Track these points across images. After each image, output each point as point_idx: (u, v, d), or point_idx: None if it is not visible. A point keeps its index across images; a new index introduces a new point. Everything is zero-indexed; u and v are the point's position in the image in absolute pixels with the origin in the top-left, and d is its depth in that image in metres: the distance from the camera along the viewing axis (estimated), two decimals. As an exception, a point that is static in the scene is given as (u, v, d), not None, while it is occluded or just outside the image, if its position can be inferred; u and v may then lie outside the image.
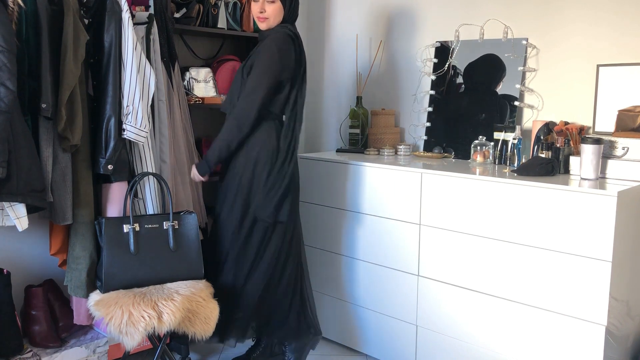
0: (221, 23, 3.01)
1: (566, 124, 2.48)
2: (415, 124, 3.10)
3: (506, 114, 2.72)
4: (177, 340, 2.64)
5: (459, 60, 2.91)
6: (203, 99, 2.93)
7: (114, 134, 2.31)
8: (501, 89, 2.76)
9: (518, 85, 2.69)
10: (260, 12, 2.42)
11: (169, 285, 2.34)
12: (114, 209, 2.43)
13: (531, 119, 2.67)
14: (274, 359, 2.71)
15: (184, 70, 2.94)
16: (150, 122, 2.50)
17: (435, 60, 2.99)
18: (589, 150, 2.18)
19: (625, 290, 2.14)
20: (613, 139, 2.26)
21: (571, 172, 2.34)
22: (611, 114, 2.39)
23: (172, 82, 2.68)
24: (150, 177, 2.51)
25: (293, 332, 2.58)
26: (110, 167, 2.34)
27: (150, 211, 2.54)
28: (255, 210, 2.41)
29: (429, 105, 3.01)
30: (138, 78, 2.37)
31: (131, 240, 2.32)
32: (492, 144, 2.62)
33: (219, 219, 2.51)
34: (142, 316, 2.11)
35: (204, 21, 2.95)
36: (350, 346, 2.88)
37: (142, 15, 2.58)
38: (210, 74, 3.01)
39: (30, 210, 2.20)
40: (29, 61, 2.17)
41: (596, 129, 2.46)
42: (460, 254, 2.38)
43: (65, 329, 2.53)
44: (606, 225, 1.98)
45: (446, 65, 2.93)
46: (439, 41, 2.98)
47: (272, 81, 2.36)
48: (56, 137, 2.23)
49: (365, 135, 3.15)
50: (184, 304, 2.19)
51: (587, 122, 2.52)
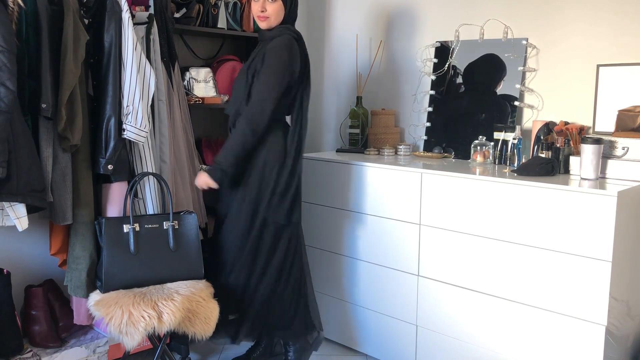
0: (221, 23, 3.01)
1: (566, 124, 2.48)
2: (415, 124, 3.10)
3: (506, 114, 2.72)
4: (177, 340, 2.64)
5: (459, 60, 2.90)
6: (203, 99, 2.93)
7: (114, 134, 2.31)
8: (501, 89, 2.76)
9: (518, 85, 2.69)
10: (262, 11, 2.41)
11: (169, 285, 2.34)
12: (114, 209, 2.43)
13: (531, 119, 2.67)
14: (274, 359, 2.71)
15: (184, 70, 2.94)
16: (150, 122, 2.50)
17: (435, 60, 2.99)
18: (589, 150, 2.18)
19: (625, 290, 2.14)
20: (613, 139, 2.26)
21: (571, 172, 2.34)
22: (611, 114, 2.39)
23: (172, 82, 2.68)
24: (150, 177, 2.51)
25: (296, 332, 2.58)
26: (110, 167, 2.34)
27: (150, 211, 2.54)
28: (267, 213, 2.41)
29: (429, 105, 3.01)
30: (138, 78, 2.37)
31: (131, 240, 2.32)
32: (492, 144, 2.61)
33: (225, 221, 2.50)
34: (142, 316, 2.11)
35: (204, 21, 2.95)
36: (350, 346, 2.88)
37: (142, 15, 2.58)
38: (210, 74, 3.01)
39: (30, 210, 2.20)
40: (29, 61, 2.17)
41: (596, 129, 2.46)
42: (460, 254, 2.38)
43: (65, 329, 2.53)
44: (606, 225, 1.98)
45: (446, 65, 2.93)
46: (439, 41, 2.98)
47: (284, 85, 2.35)
48: (56, 137, 2.23)
49: (365, 135, 3.15)
50: (184, 304, 2.19)
51: (587, 122, 2.52)
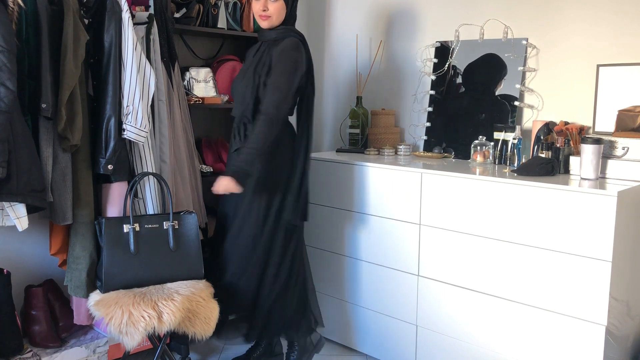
0: (221, 23, 3.01)
1: (566, 124, 2.48)
2: (415, 124, 3.10)
3: (506, 114, 2.72)
4: (177, 340, 2.64)
5: (459, 60, 2.90)
6: (203, 99, 2.93)
7: (114, 134, 2.31)
8: (501, 89, 2.76)
9: (518, 85, 2.69)
10: (263, 10, 2.41)
11: (169, 285, 2.34)
12: (114, 209, 2.43)
13: (531, 119, 2.67)
14: (274, 359, 2.71)
15: (184, 70, 2.94)
16: (150, 122, 2.50)
17: (435, 60, 2.99)
18: (589, 150, 2.18)
19: (625, 290, 2.14)
20: (613, 139, 2.26)
21: (571, 172, 2.34)
22: (611, 114, 2.39)
23: (172, 82, 2.68)
24: (150, 177, 2.51)
25: (304, 330, 2.59)
26: (110, 167, 2.34)
27: (150, 211, 2.54)
28: (281, 214, 2.42)
29: (429, 105, 3.01)
30: (138, 78, 2.37)
31: (131, 240, 2.32)
32: (492, 144, 2.61)
33: (233, 222, 2.48)
34: (142, 316, 2.11)
35: (204, 21, 2.95)
36: (350, 346, 2.88)
37: (142, 15, 2.58)
38: (210, 74, 3.01)
39: (30, 210, 2.20)
40: (29, 61, 2.17)
41: (596, 129, 2.46)
42: (460, 254, 2.38)
43: (65, 329, 2.53)
44: (606, 225, 1.98)
45: (446, 65, 2.93)
46: (439, 41, 2.98)
47: (296, 86, 2.36)
48: (56, 137, 2.23)
49: (365, 135, 3.15)
50: (184, 304, 2.19)
51: (587, 122, 2.52)
